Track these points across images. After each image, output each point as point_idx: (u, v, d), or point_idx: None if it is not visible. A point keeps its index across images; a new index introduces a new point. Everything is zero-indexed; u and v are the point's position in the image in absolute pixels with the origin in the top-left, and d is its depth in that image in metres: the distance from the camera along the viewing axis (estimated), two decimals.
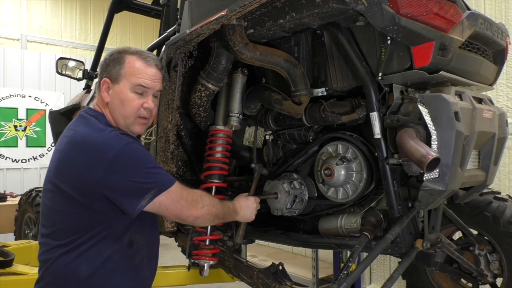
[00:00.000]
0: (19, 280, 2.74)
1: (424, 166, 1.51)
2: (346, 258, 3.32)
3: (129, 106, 1.59)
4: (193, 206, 1.58)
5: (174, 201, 1.53)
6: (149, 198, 1.48)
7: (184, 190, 1.58)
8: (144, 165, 1.50)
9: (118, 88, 1.58)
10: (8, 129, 6.71)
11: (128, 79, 1.57)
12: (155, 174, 1.52)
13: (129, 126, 1.62)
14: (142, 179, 1.48)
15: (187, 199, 1.57)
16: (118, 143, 1.46)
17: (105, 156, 1.43)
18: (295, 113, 2.03)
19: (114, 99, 1.59)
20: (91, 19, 7.98)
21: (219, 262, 2.33)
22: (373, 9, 1.57)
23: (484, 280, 2.34)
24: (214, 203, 1.67)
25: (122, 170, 1.45)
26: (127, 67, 1.58)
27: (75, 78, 3.90)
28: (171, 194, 1.52)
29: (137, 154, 1.50)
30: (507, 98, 3.58)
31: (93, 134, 1.50)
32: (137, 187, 1.47)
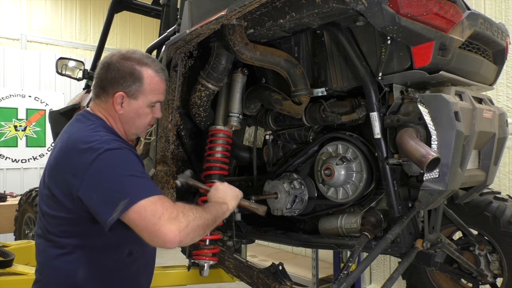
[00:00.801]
0: (19, 280, 2.73)
1: (424, 166, 1.51)
2: (346, 258, 3.32)
3: (145, 120, 1.62)
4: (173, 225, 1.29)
5: (144, 216, 1.30)
6: (120, 210, 1.30)
7: (161, 205, 1.33)
8: (122, 172, 1.37)
9: (136, 104, 1.57)
10: (8, 129, 6.71)
11: (147, 97, 1.58)
12: (130, 183, 1.35)
13: (138, 134, 1.68)
14: (115, 187, 1.34)
15: (162, 216, 1.30)
16: (103, 147, 1.38)
17: (87, 159, 1.36)
18: (295, 113, 2.03)
19: (129, 112, 1.58)
20: (91, 19, 7.98)
21: (219, 262, 2.33)
22: (373, 9, 1.57)
23: (484, 280, 2.34)
24: (199, 215, 1.41)
25: (99, 175, 1.35)
26: (147, 83, 1.56)
27: (75, 78, 3.90)
28: (142, 207, 1.30)
29: (118, 159, 1.39)
30: (507, 98, 3.58)
31: (83, 137, 1.45)
32: (110, 197, 1.33)
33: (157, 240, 1.29)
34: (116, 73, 1.54)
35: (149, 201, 1.31)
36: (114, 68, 1.54)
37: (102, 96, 1.58)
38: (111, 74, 1.55)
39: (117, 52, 1.59)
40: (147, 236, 1.30)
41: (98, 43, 3.87)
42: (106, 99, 1.57)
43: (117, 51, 1.60)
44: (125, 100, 1.56)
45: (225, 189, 1.71)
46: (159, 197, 1.35)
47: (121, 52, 1.59)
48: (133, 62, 1.55)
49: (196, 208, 1.43)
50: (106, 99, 1.57)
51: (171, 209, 1.33)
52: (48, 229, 1.49)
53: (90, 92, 3.65)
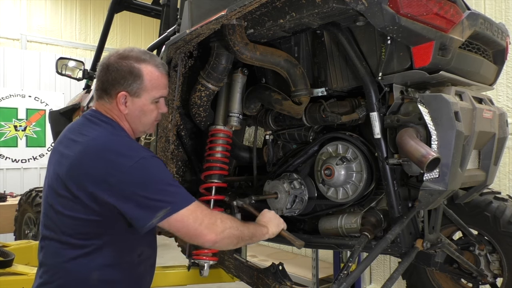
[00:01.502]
0: (19, 280, 2.73)
1: (424, 166, 1.51)
2: (346, 258, 3.32)
3: (151, 116, 1.63)
4: (211, 230, 1.47)
5: (186, 224, 1.45)
6: (160, 217, 1.42)
7: (201, 212, 1.48)
8: (160, 181, 1.45)
9: (140, 101, 1.59)
10: (8, 129, 6.71)
11: (149, 93, 1.59)
12: (170, 192, 1.46)
13: (146, 131, 1.70)
14: (155, 196, 1.42)
15: (202, 222, 1.46)
16: (137, 155, 1.44)
17: (122, 166, 1.41)
18: (295, 113, 2.03)
19: (134, 111, 1.59)
20: (91, 19, 7.98)
21: (219, 262, 2.33)
22: (373, 9, 1.57)
23: (484, 280, 2.34)
24: (236, 226, 1.56)
25: (137, 183, 1.41)
26: (147, 80, 1.57)
27: (75, 78, 3.90)
28: (184, 216, 1.44)
29: (154, 169, 1.46)
30: (507, 98, 3.58)
31: (112, 143, 1.48)
32: (149, 204, 1.42)
33: (197, 241, 1.48)
34: (116, 73, 1.55)
35: (189, 210, 1.45)
36: (113, 69, 1.55)
37: (105, 98, 1.59)
38: (111, 76, 1.55)
39: (115, 53, 1.60)
40: (188, 238, 1.48)
41: (98, 43, 3.87)
42: (110, 100, 1.58)
43: (115, 51, 1.60)
44: (128, 99, 1.57)
45: (270, 216, 1.84)
46: (196, 204, 1.49)
47: (118, 52, 1.59)
48: (131, 60, 1.56)
49: (234, 219, 1.59)
50: (110, 101, 1.58)
51: (210, 215, 1.49)
52: (63, 230, 1.48)
53: (90, 92, 3.65)
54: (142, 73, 1.56)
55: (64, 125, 1.68)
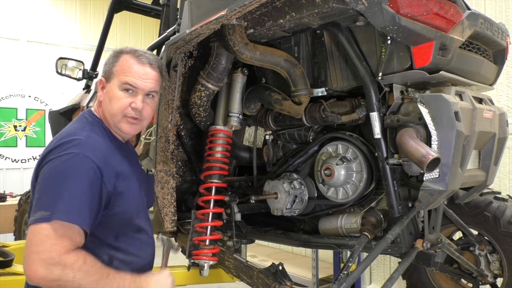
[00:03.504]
0: (19, 280, 2.73)
1: (424, 166, 1.51)
2: (346, 258, 3.32)
3: (115, 104, 1.49)
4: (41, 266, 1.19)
5: (30, 239, 1.23)
6: (37, 217, 1.24)
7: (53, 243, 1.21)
8: (59, 180, 1.29)
9: (109, 86, 1.52)
10: (8, 129, 6.71)
11: (117, 77, 1.50)
12: (57, 196, 1.26)
13: (116, 124, 1.52)
14: (50, 192, 1.28)
15: (41, 252, 1.20)
16: (72, 150, 1.33)
17: (46, 159, 1.34)
18: (295, 113, 2.03)
19: (105, 97, 1.53)
20: (91, 19, 7.97)
21: (219, 262, 2.33)
22: (373, 9, 1.57)
23: (484, 280, 2.34)
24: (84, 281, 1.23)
25: (48, 173, 1.31)
26: (119, 65, 1.51)
27: (75, 78, 3.90)
28: (37, 229, 1.22)
29: (65, 167, 1.31)
30: (507, 98, 3.58)
31: (58, 136, 1.42)
32: (42, 196, 1.29)
33: (23, 266, 1.23)
34: (105, 62, 1.57)
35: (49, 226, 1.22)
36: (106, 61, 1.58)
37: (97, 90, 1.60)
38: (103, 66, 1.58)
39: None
40: (23, 254, 1.23)
41: (98, 43, 3.86)
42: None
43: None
44: (105, 85, 1.54)
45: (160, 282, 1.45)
46: (64, 228, 1.24)
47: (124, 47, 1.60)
48: (119, 51, 1.55)
49: (89, 274, 1.25)
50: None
51: (56, 253, 1.21)
52: None
53: (89, 92, 3.65)
54: (119, 59, 1.53)
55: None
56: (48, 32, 7.51)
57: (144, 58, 1.53)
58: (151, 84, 1.53)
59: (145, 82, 1.52)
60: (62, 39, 7.64)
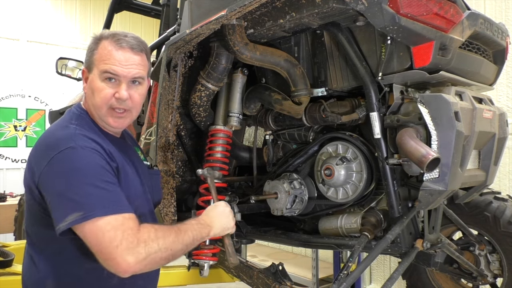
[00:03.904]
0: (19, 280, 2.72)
1: (424, 166, 1.51)
2: (346, 258, 3.32)
3: (98, 97, 1.37)
4: (128, 256, 1.17)
5: (100, 240, 1.17)
6: (69, 221, 1.17)
7: (123, 230, 1.18)
8: (81, 177, 1.20)
9: (91, 77, 1.39)
10: (8, 129, 6.71)
11: (97, 66, 1.37)
12: (89, 194, 1.19)
13: (102, 118, 1.41)
14: (70, 194, 1.20)
15: (120, 245, 1.17)
16: (65, 145, 1.24)
17: (48, 156, 1.23)
18: (295, 113, 2.03)
19: (88, 89, 1.40)
20: (91, 19, 7.97)
21: (219, 262, 2.33)
22: (373, 9, 1.57)
23: (484, 280, 2.34)
24: (166, 245, 1.25)
25: (55, 177, 1.22)
26: (98, 53, 1.37)
27: (75, 78, 3.90)
28: (99, 229, 1.17)
29: (78, 163, 1.22)
30: (507, 98, 3.58)
31: (53, 131, 1.34)
32: (62, 202, 1.20)
33: (110, 267, 1.19)
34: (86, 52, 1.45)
35: (107, 223, 1.18)
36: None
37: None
38: None
39: None
40: (101, 259, 1.20)
41: None
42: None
43: None
44: (88, 77, 1.41)
45: (221, 212, 1.52)
46: (121, 217, 1.20)
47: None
48: (97, 38, 1.42)
49: (166, 236, 1.26)
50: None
51: (132, 237, 1.19)
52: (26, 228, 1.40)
53: None
54: (97, 47, 1.39)
55: None
56: (48, 32, 7.51)
57: (124, 42, 1.39)
58: (134, 70, 1.39)
59: (128, 68, 1.37)
60: (62, 39, 7.64)
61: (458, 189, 2.07)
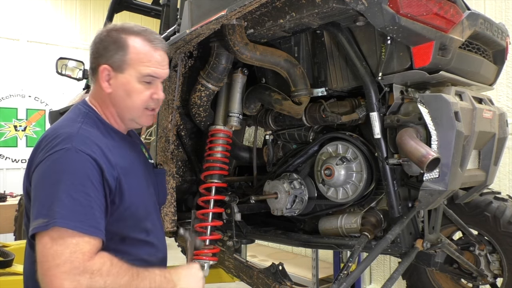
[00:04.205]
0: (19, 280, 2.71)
1: (424, 166, 1.51)
2: (346, 258, 3.32)
3: (137, 99, 1.35)
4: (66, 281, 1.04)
5: (45, 252, 1.07)
6: (34, 227, 1.10)
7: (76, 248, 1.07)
8: (60, 184, 1.13)
9: (123, 78, 1.33)
10: (8, 129, 6.71)
11: (134, 68, 1.32)
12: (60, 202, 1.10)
13: (136, 119, 1.40)
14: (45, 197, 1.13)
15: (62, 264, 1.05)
16: (62, 145, 1.19)
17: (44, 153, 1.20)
18: (295, 113, 2.03)
19: (118, 90, 1.34)
20: (91, 19, 7.97)
21: (219, 262, 2.33)
22: (373, 9, 1.57)
23: (484, 280, 2.34)
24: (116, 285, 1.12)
25: (40, 176, 1.17)
26: (133, 52, 1.32)
27: (75, 78, 3.90)
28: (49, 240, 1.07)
29: (65, 166, 1.16)
30: (507, 98, 3.58)
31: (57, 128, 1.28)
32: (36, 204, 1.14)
33: (43, 284, 1.08)
34: (100, 44, 1.35)
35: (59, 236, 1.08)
36: (100, 40, 1.35)
37: (93, 77, 1.38)
38: (96, 48, 1.35)
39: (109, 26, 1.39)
40: (39, 272, 1.09)
41: None
42: (95, 79, 1.37)
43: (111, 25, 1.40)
44: (111, 75, 1.34)
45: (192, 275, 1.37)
46: (78, 236, 1.09)
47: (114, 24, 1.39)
48: (121, 32, 1.34)
49: (118, 276, 1.14)
50: (95, 79, 1.37)
51: (79, 262, 1.07)
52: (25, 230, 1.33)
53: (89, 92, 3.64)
54: (128, 44, 1.32)
55: None
56: (48, 32, 7.51)
57: (158, 43, 1.38)
58: (168, 70, 1.42)
59: (164, 70, 1.39)
60: (62, 39, 7.64)
61: (458, 189, 2.07)
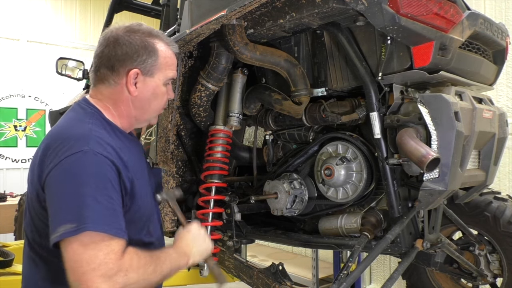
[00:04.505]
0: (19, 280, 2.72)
1: (424, 166, 1.51)
2: (346, 258, 3.32)
3: (162, 101, 1.41)
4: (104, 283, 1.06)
5: (78, 257, 1.07)
6: (61, 233, 1.08)
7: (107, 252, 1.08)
8: (84, 185, 1.12)
9: (153, 82, 1.36)
10: (8, 129, 6.71)
11: (163, 72, 1.37)
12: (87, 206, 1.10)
13: (151, 120, 1.47)
14: (69, 201, 1.12)
15: (97, 268, 1.06)
16: (79, 147, 1.16)
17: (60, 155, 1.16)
18: (295, 113, 2.03)
19: (146, 93, 1.35)
20: (91, 19, 7.97)
21: (219, 262, 2.33)
22: (373, 9, 1.57)
23: (484, 280, 2.34)
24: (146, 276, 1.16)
25: (60, 180, 1.14)
26: (162, 57, 1.35)
27: (75, 78, 3.90)
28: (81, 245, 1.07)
29: (86, 170, 1.14)
30: (507, 98, 3.58)
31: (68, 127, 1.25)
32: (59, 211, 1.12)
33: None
34: (128, 47, 1.31)
35: (91, 240, 1.08)
36: (125, 42, 1.31)
37: (111, 79, 1.33)
38: (121, 50, 1.31)
39: (121, 26, 1.36)
40: (71, 279, 1.08)
41: None
42: (117, 80, 1.33)
43: (120, 25, 1.37)
44: (139, 79, 1.33)
45: (196, 237, 1.40)
46: (109, 238, 1.10)
47: (125, 25, 1.36)
48: (143, 35, 1.34)
49: (147, 265, 1.17)
50: (117, 81, 1.33)
51: (113, 263, 1.09)
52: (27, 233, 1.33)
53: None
54: (157, 49, 1.35)
55: None
56: (48, 32, 7.51)
57: (174, 47, 1.43)
58: None
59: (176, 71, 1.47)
60: (62, 39, 7.64)
61: (458, 189, 2.07)
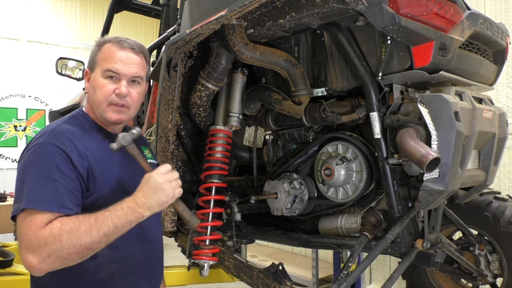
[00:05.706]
0: (19, 280, 2.74)
1: (424, 166, 1.51)
2: (346, 258, 3.32)
3: (100, 93, 1.44)
4: (31, 253, 1.17)
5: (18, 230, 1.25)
6: (12, 211, 1.28)
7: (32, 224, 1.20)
8: (31, 173, 1.28)
9: (93, 76, 1.47)
10: (8, 129, 6.71)
11: (100, 65, 1.46)
12: (29, 187, 1.26)
13: (103, 114, 1.46)
14: (19, 186, 1.30)
15: (23, 240, 1.20)
16: (37, 140, 1.37)
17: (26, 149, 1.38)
18: (295, 113, 2.03)
19: (90, 88, 1.49)
20: (91, 19, 7.97)
21: (219, 262, 2.33)
22: (373, 9, 1.57)
23: (484, 280, 2.34)
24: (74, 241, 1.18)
25: (19, 169, 1.34)
26: (102, 53, 1.47)
27: (75, 78, 3.90)
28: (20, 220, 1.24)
29: (36, 158, 1.31)
30: (507, 98, 3.58)
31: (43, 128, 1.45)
32: (15, 193, 1.32)
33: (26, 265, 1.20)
34: (91, 53, 1.52)
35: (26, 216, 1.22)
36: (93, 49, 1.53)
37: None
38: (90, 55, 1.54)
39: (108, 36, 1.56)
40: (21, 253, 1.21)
41: None
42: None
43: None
44: (88, 76, 1.50)
45: (156, 186, 1.31)
46: (36, 212, 1.22)
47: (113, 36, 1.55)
48: (101, 42, 1.51)
49: (72, 230, 1.19)
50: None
51: (32, 235, 1.19)
52: None
53: None
54: (101, 49, 1.48)
55: None
56: (48, 32, 7.51)
57: (125, 43, 1.48)
58: (134, 69, 1.47)
59: (128, 67, 1.46)
60: (62, 39, 7.64)
61: (458, 189, 2.07)
